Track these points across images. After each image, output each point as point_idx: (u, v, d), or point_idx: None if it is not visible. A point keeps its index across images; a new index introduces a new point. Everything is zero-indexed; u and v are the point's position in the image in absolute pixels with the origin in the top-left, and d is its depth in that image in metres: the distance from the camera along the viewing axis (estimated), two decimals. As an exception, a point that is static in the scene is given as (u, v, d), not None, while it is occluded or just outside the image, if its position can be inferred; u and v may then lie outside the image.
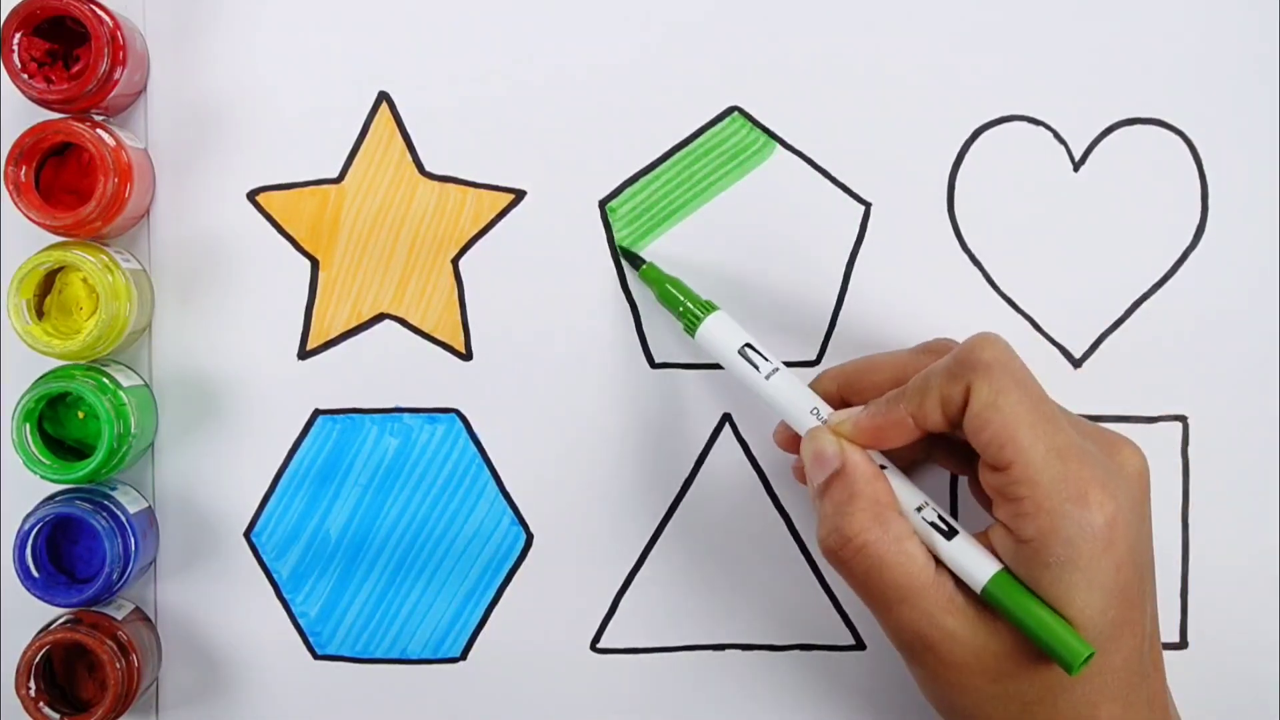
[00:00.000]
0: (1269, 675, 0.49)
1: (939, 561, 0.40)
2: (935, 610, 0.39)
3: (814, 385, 0.45)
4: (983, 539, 0.40)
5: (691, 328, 0.45)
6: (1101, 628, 0.38)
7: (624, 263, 0.48)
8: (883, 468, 0.42)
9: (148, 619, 0.49)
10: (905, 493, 0.41)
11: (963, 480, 0.49)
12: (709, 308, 0.45)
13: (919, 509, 0.41)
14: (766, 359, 0.44)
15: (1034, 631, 0.38)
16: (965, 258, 0.49)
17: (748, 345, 0.44)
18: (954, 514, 0.49)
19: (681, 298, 0.46)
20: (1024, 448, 0.38)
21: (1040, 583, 0.38)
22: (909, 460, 0.44)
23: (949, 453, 0.45)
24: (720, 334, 0.45)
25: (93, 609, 0.47)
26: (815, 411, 0.43)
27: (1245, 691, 0.49)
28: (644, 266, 0.47)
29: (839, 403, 0.45)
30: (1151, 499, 0.41)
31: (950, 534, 0.40)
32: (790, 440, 0.45)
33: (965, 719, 0.41)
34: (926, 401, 0.40)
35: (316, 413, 0.49)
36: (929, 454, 0.45)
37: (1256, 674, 0.49)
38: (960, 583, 0.40)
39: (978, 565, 0.40)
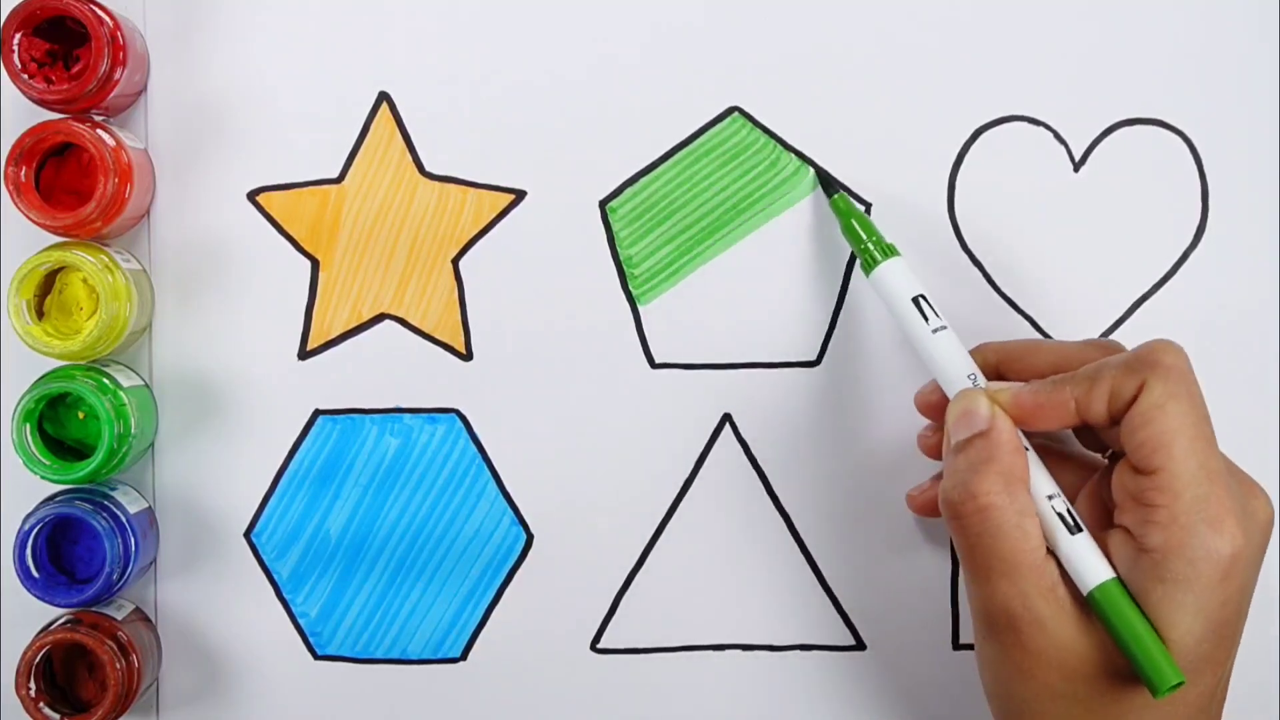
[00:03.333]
0: (1269, 675, 0.49)
1: (1049, 550, 0.40)
2: (1033, 592, 0.39)
3: (973, 353, 0.44)
4: (1101, 541, 0.40)
5: (868, 267, 0.45)
6: (1194, 658, 0.38)
7: (818, 185, 0.48)
8: (1025, 449, 0.41)
9: (148, 619, 0.49)
10: (1040, 478, 0.41)
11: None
12: (890, 251, 0.45)
13: (1050, 497, 0.41)
14: (937, 315, 0.44)
15: (1130, 647, 0.38)
16: (965, 258, 0.49)
17: (921, 296, 0.44)
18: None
19: (864, 235, 0.45)
20: (1177, 457, 0.38)
21: (1150, 597, 0.38)
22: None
23: (1065, 472, 0.44)
24: (896, 279, 0.44)
25: (93, 609, 0.47)
26: (973, 378, 0.43)
27: (1245, 691, 0.49)
28: (836, 196, 0.47)
29: (992, 375, 0.44)
30: (1267, 550, 0.41)
31: (1074, 529, 0.40)
32: (932, 404, 0.45)
33: (1016, 710, 0.40)
34: (1095, 389, 0.40)
35: (316, 413, 0.49)
36: (1061, 450, 0.44)
37: (1256, 674, 0.49)
38: (1065, 575, 0.40)
39: (1093, 567, 0.39)
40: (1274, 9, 0.49)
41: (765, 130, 0.49)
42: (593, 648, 0.49)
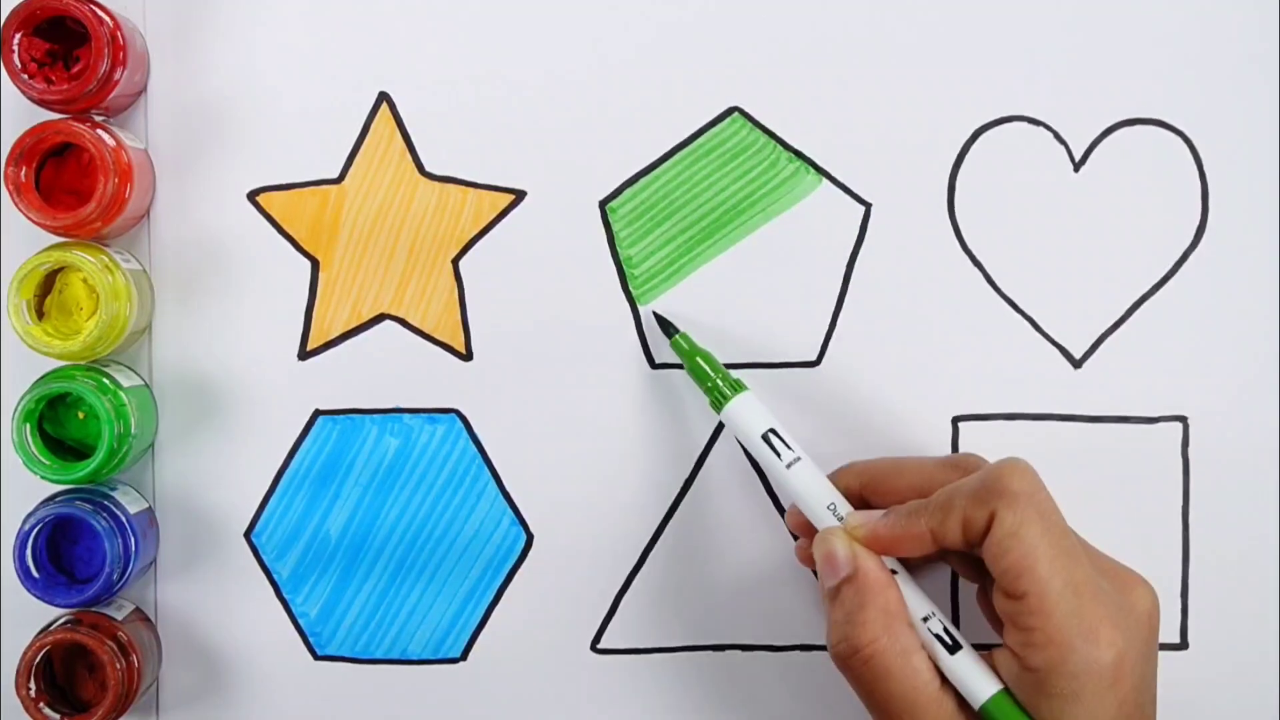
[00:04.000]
0: (1269, 675, 0.49)
1: (943, 677, 0.40)
2: None
3: (834, 478, 0.45)
4: (988, 658, 0.41)
5: (718, 405, 0.45)
6: None
7: (658, 328, 0.48)
8: (894, 572, 0.42)
9: (148, 619, 0.49)
10: (915, 601, 0.42)
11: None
12: (737, 387, 0.45)
13: (925, 619, 0.41)
14: (789, 447, 0.44)
15: None
16: (965, 258, 0.49)
17: (771, 431, 0.44)
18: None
19: (711, 373, 0.46)
20: (1041, 579, 0.39)
21: (1041, 711, 0.39)
22: (922, 563, 0.44)
23: (962, 560, 0.45)
24: (746, 416, 0.45)
25: (93, 609, 0.47)
26: (833, 508, 0.43)
27: (1245, 691, 0.49)
28: (676, 336, 0.47)
29: (857, 500, 0.45)
30: (1158, 637, 0.41)
31: (954, 648, 0.41)
32: (802, 525, 0.45)
33: None
34: (949, 520, 0.41)
35: (316, 413, 0.49)
36: (942, 555, 0.45)
37: (1256, 674, 0.49)
38: (963, 701, 0.40)
39: (979, 682, 0.40)
40: (1274, 9, 0.49)
41: (765, 130, 0.49)
42: (593, 648, 0.49)
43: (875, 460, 0.46)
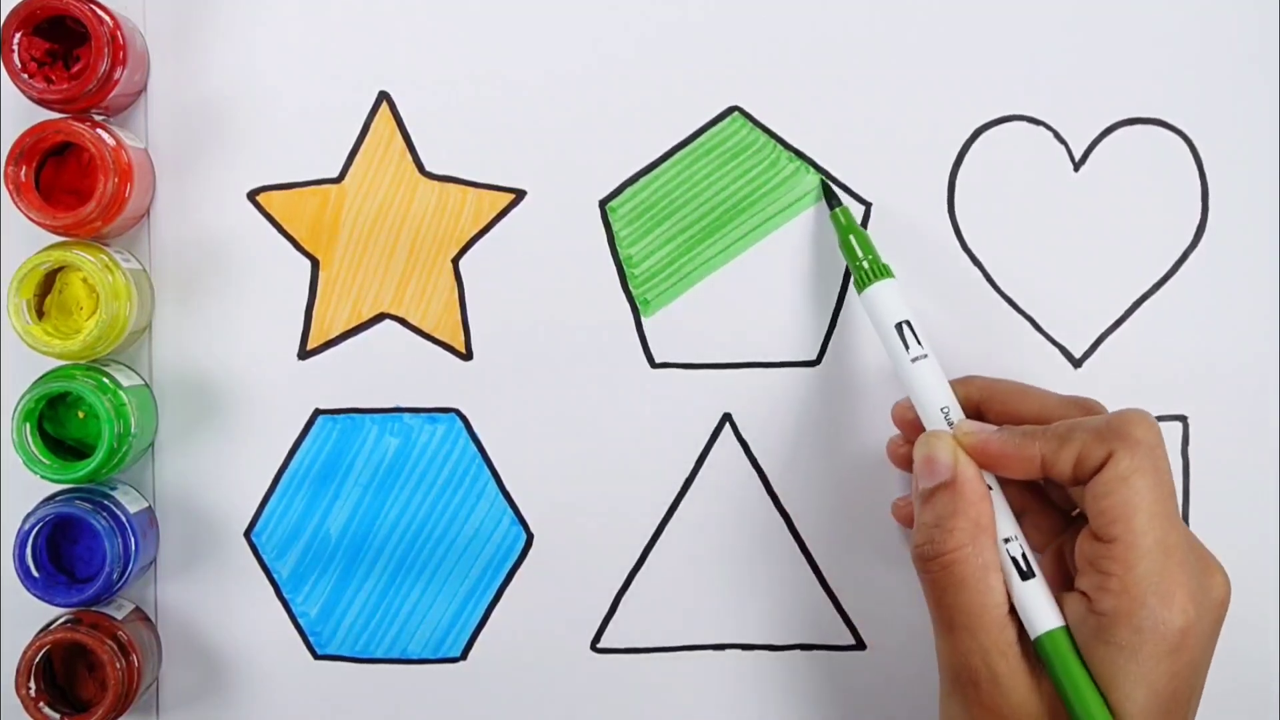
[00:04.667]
0: (1269, 675, 0.49)
1: (1012, 606, 0.40)
2: (992, 649, 0.40)
3: (955, 384, 0.45)
4: (1059, 599, 0.40)
5: (861, 285, 0.45)
6: None
7: (823, 197, 0.48)
8: (989, 489, 0.42)
9: (148, 619, 0.49)
10: (1001, 520, 0.41)
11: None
12: (884, 272, 0.45)
13: (1006, 540, 0.41)
14: (919, 342, 0.44)
15: (1069, 698, 0.39)
16: (965, 258, 0.49)
17: (906, 323, 0.44)
18: None
19: (861, 253, 0.45)
20: (1135, 529, 0.39)
21: (1095, 657, 0.39)
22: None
23: (1039, 524, 0.45)
24: (884, 302, 0.45)
25: (93, 609, 0.47)
26: (945, 411, 0.43)
27: (1245, 691, 0.49)
28: (837, 209, 0.47)
29: (972, 412, 0.45)
30: (1221, 629, 0.41)
31: (1027, 575, 0.41)
32: (909, 423, 0.45)
33: None
34: (1064, 450, 0.40)
35: (316, 413, 0.49)
36: (1021, 515, 0.45)
37: (1256, 674, 0.49)
38: (1024, 634, 0.40)
39: (1042, 613, 0.40)
40: (1274, 9, 0.49)
41: (765, 130, 0.49)
42: (593, 648, 0.49)
43: (1001, 379, 0.46)
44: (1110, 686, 0.38)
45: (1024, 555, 0.41)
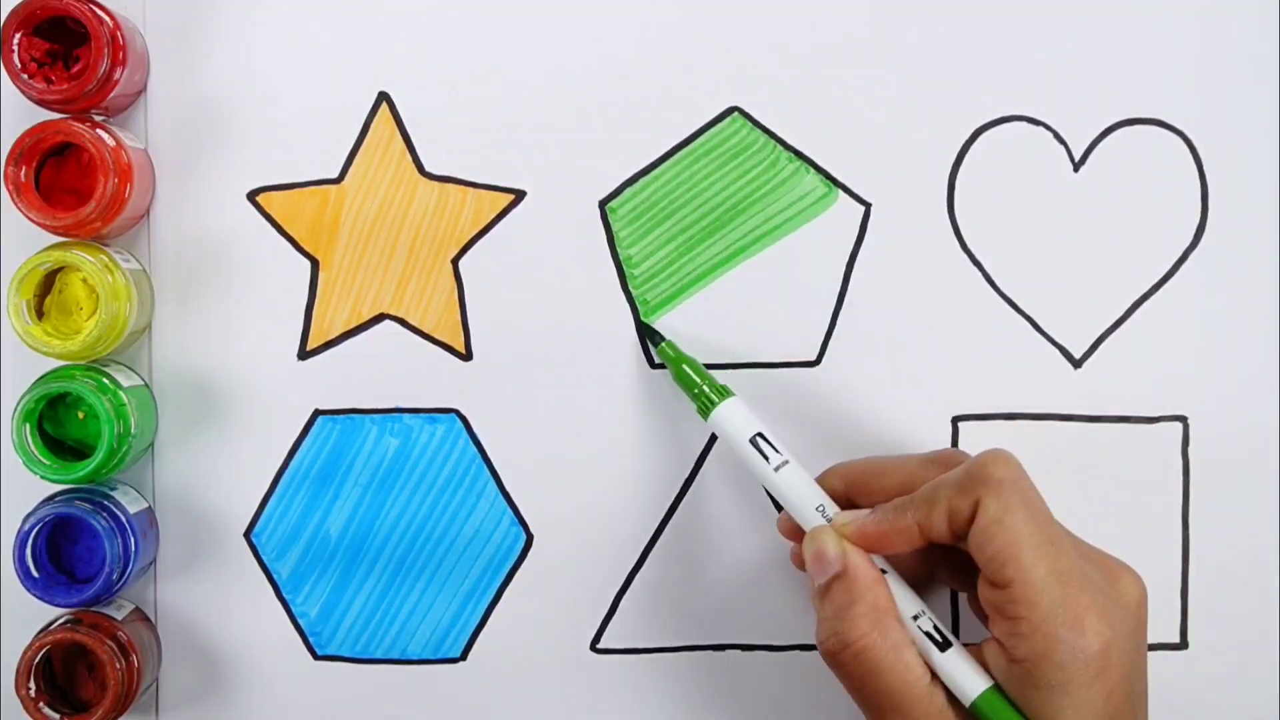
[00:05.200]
0: (1269, 675, 0.49)
1: (934, 673, 0.40)
2: None
3: (820, 481, 0.45)
4: (976, 653, 0.41)
5: (705, 411, 0.45)
6: None
7: (644, 338, 0.48)
8: (884, 572, 0.42)
9: (148, 619, 0.49)
10: (904, 599, 0.42)
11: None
12: (724, 393, 0.45)
13: (915, 617, 0.41)
14: (777, 450, 0.44)
15: None
16: (965, 258, 0.49)
17: (759, 435, 0.44)
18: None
19: (697, 379, 0.46)
20: (1025, 567, 0.39)
21: (1030, 704, 0.39)
22: (914, 575, 0.44)
23: (952, 570, 0.45)
24: (733, 421, 0.45)
25: (93, 609, 0.47)
26: (821, 509, 0.43)
27: (1245, 691, 0.49)
28: (662, 344, 0.47)
29: (844, 502, 0.45)
30: (1148, 626, 0.41)
31: (944, 645, 0.41)
32: (793, 530, 0.45)
33: None
34: (934, 512, 0.41)
35: (316, 413, 0.49)
36: (933, 571, 0.45)
37: (1256, 674, 0.49)
38: (953, 697, 0.40)
39: (969, 680, 0.40)
40: (1274, 9, 0.49)
41: (765, 130, 0.49)
42: (593, 648, 0.49)
43: (858, 461, 0.46)
44: None
45: (936, 627, 0.41)
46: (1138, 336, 0.49)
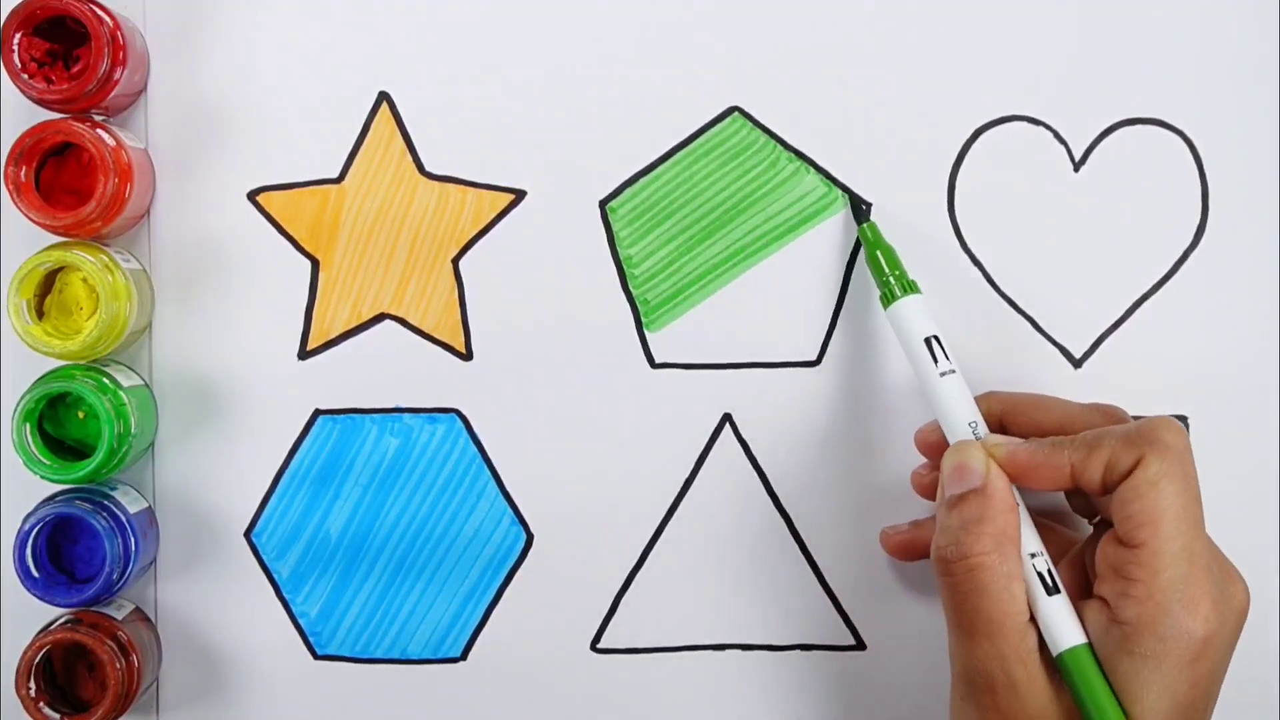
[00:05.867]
0: (1269, 675, 0.49)
1: (1032, 615, 0.40)
2: (1012, 656, 0.39)
3: (977, 400, 0.45)
4: (1078, 608, 0.40)
5: (887, 300, 0.45)
6: None
7: (851, 211, 0.48)
8: (1016, 503, 0.42)
9: (148, 619, 0.49)
10: (1027, 535, 0.41)
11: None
12: (911, 287, 0.45)
13: (1033, 555, 0.41)
14: (947, 358, 0.44)
15: (1091, 714, 0.39)
16: (965, 258, 0.49)
17: (934, 338, 0.44)
18: None
19: (887, 268, 0.46)
20: (1162, 535, 0.38)
21: (1118, 669, 0.39)
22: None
23: (1052, 539, 0.44)
24: (911, 317, 0.45)
25: (93, 609, 0.47)
26: (974, 425, 0.43)
27: (1245, 691, 0.49)
28: (865, 224, 0.47)
29: (996, 425, 0.45)
30: (1239, 639, 0.41)
31: (1052, 590, 0.41)
32: (932, 445, 0.45)
33: None
34: (1093, 457, 0.40)
35: (316, 413, 0.49)
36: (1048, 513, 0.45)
37: (1256, 674, 0.49)
38: (1043, 644, 0.40)
39: (1065, 630, 0.40)
40: (1274, 9, 0.49)
41: (765, 130, 0.49)
42: (593, 648, 0.49)
43: (1021, 393, 0.45)
44: (1133, 698, 0.38)
45: (1049, 571, 0.41)
46: (1138, 336, 0.49)
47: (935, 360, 0.44)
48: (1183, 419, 0.49)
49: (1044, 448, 0.41)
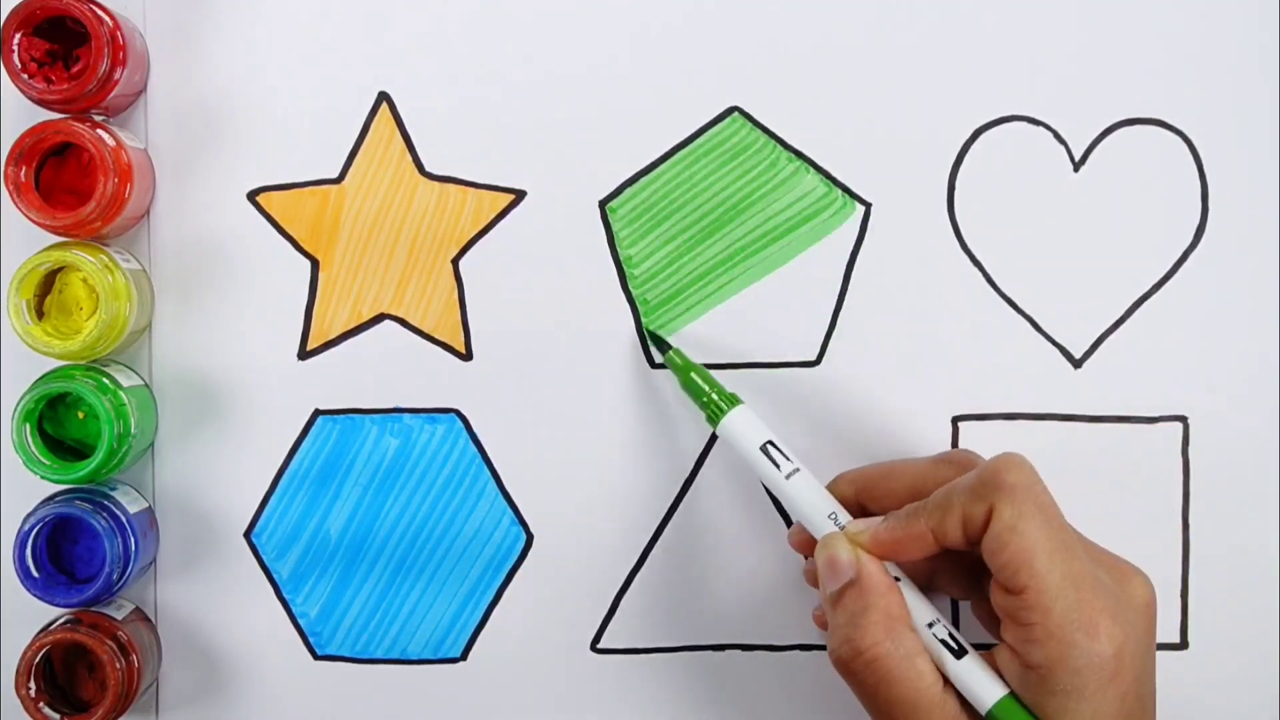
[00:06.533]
0: (1269, 675, 0.49)
1: (946, 680, 0.40)
2: None
3: (831, 488, 0.45)
4: (988, 659, 0.41)
5: (714, 419, 0.45)
6: None
7: (648, 344, 0.48)
8: (896, 579, 0.42)
9: (148, 619, 0.49)
10: (918, 607, 0.42)
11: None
12: (733, 401, 0.45)
13: (930, 624, 0.41)
14: (788, 458, 0.44)
15: None
16: (965, 258, 0.49)
17: (770, 443, 0.44)
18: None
19: (706, 388, 0.46)
20: (1040, 574, 0.39)
21: (1045, 709, 0.39)
22: (915, 583, 0.44)
23: (954, 579, 0.45)
24: (743, 429, 0.45)
25: (93, 609, 0.47)
26: (834, 517, 0.43)
27: (1245, 691, 0.49)
28: (670, 351, 0.47)
29: (856, 508, 0.45)
30: (1156, 628, 0.41)
31: (960, 653, 0.41)
32: (804, 542, 0.45)
33: None
34: (948, 518, 0.40)
35: (316, 413, 0.49)
36: (933, 579, 0.45)
37: (1256, 674, 0.49)
38: (965, 702, 0.40)
39: (985, 687, 0.40)
40: (1274, 9, 0.49)
41: (765, 130, 0.49)
42: (593, 648, 0.49)
43: (867, 467, 0.46)
44: None
45: (951, 634, 0.41)
46: (1138, 336, 0.49)
47: (777, 465, 0.44)
48: (1183, 419, 0.49)
49: (901, 521, 0.42)
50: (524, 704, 0.49)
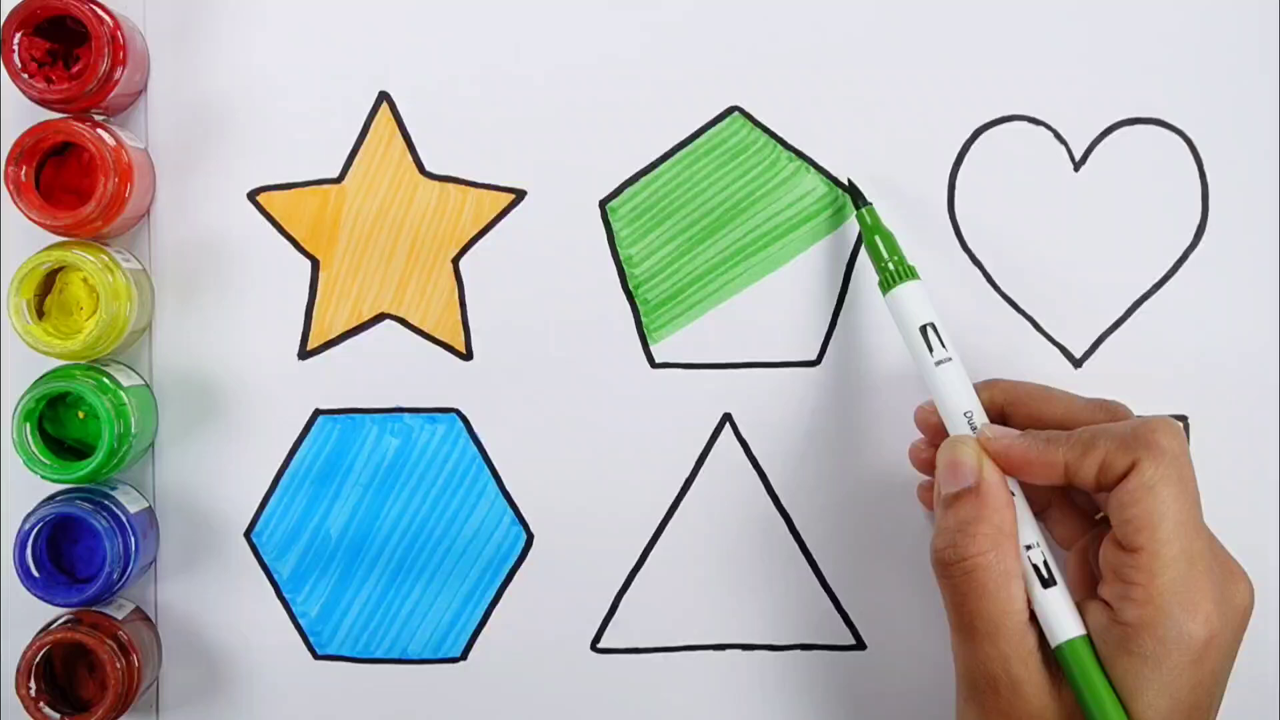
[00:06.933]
0: (1269, 675, 0.49)
1: (1032, 614, 0.40)
2: (1012, 655, 0.39)
3: (979, 387, 0.44)
4: (1081, 608, 0.40)
5: (886, 286, 0.45)
6: None
7: (848, 196, 0.48)
8: (1012, 493, 0.42)
9: (148, 619, 0.49)
10: (1023, 527, 0.41)
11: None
12: (910, 273, 0.45)
13: (1028, 547, 0.41)
14: (944, 345, 0.44)
15: (1090, 707, 0.39)
16: (965, 257, 0.49)
17: (930, 325, 0.44)
18: None
19: (886, 254, 0.45)
20: (1160, 539, 0.38)
21: (1117, 666, 0.39)
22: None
23: (1061, 521, 0.45)
24: (909, 304, 0.44)
25: (93, 609, 0.47)
26: (969, 415, 0.43)
27: (1245, 691, 0.49)
28: (864, 209, 0.47)
29: (997, 414, 0.44)
30: (1244, 636, 0.41)
31: (1048, 582, 0.40)
32: (932, 426, 0.45)
33: None
34: (1088, 457, 0.40)
35: (317, 413, 0.49)
36: (1045, 511, 0.45)
37: (1256, 674, 0.49)
38: (1044, 641, 0.40)
39: (1063, 622, 0.40)
40: (1274, 9, 0.49)
41: (765, 130, 0.49)
42: (593, 648, 0.49)
43: (1024, 382, 0.45)
44: (1132, 696, 0.38)
45: (1045, 563, 0.41)
46: (1138, 336, 0.49)
47: (931, 348, 0.44)
48: (1183, 419, 0.49)
49: (1039, 443, 0.41)
50: (524, 704, 0.49)
